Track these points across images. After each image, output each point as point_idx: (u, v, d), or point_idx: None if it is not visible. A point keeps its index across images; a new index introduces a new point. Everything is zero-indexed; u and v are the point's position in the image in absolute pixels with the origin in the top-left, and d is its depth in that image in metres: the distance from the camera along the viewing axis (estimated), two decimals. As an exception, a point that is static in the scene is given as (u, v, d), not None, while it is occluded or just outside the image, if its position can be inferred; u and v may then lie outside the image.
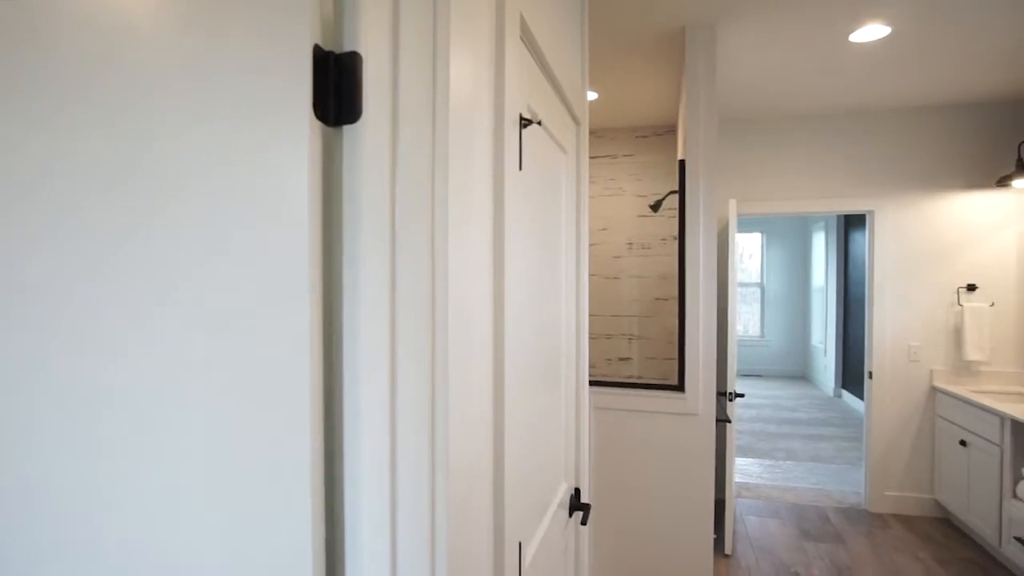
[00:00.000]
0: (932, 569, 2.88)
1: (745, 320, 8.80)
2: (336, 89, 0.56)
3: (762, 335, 8.66)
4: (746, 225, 8.68)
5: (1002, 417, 2.81)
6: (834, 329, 7.08)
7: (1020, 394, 3.22)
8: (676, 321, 3.93)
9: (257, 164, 0.54)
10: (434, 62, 0.64)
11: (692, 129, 2.39)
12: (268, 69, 0.53)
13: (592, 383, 2.49)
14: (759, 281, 8.77)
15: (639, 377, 4.02)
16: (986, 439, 2.94)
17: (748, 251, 8.80)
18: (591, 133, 4.12)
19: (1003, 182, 3.19)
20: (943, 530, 3.33)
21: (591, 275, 4.11)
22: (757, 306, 8.77)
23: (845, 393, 6.84)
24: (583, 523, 1.39)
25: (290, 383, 0.53)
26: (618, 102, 3.46)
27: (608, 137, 4.11)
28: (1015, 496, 2.75)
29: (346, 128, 0.57)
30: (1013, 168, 3.36)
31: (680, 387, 2.38)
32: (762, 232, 8.68)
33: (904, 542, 3.18)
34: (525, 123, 0.94)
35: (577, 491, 1.53)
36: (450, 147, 0.64)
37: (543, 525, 1.15)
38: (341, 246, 0.58)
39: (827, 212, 3.70)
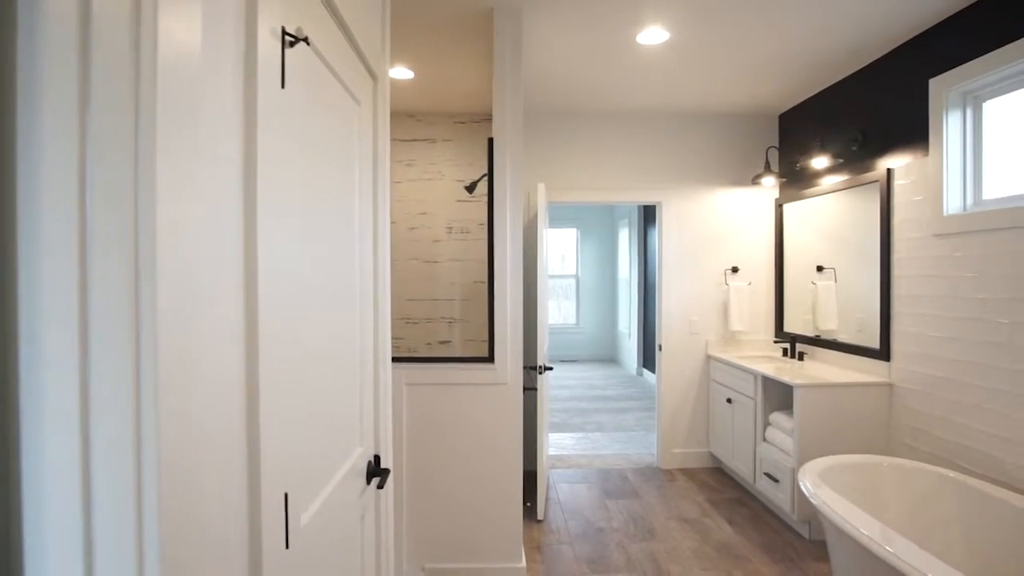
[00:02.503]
0: (707, 510, 3.34)
1: (563, 311, 9.42)
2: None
3: (577, 323, 9.35)
4: (562, 221, 9.29)
5: (755, 374, 3.35)
6: (636, 315, 7.91)
7: (770, 357, 3.87)
8: (494, 304, 4.06)
9: None
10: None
11: (499, 110, 2.46)
12: None
13: (407, 359, 2.45)
14: (574, 274, 9.45)
15: (460, 360, 4.07)
16: (745, 395, 3.48)
17: (564, 246, 9.43)
18: (410, 116, 4.07)
19: (756, 180, 3.80)
20: (716, 477, 3.88)
21: (411, 259, 4.06)
22: (572, 297, 9.44)
23: (645, 371, 7.67)
24: (380, 487, 1.34)
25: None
26: (436, 85, 3.45)
27: (427, 121, 4.10)
28: (765, 440, 3.30)
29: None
30: (763, 169, 4.03)
31: (490, 359, 2.44)
32: (576, 228, 9.36)
33: (687, 490, 3.64)
34: (291, 40, 0.87)
35: (377, 457, 1.48)
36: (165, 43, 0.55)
37: (328, 487, 1.08)
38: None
39: (624, 202, 4.09)
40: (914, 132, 2.76)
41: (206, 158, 0.63)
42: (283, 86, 0.84)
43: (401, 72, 3.22)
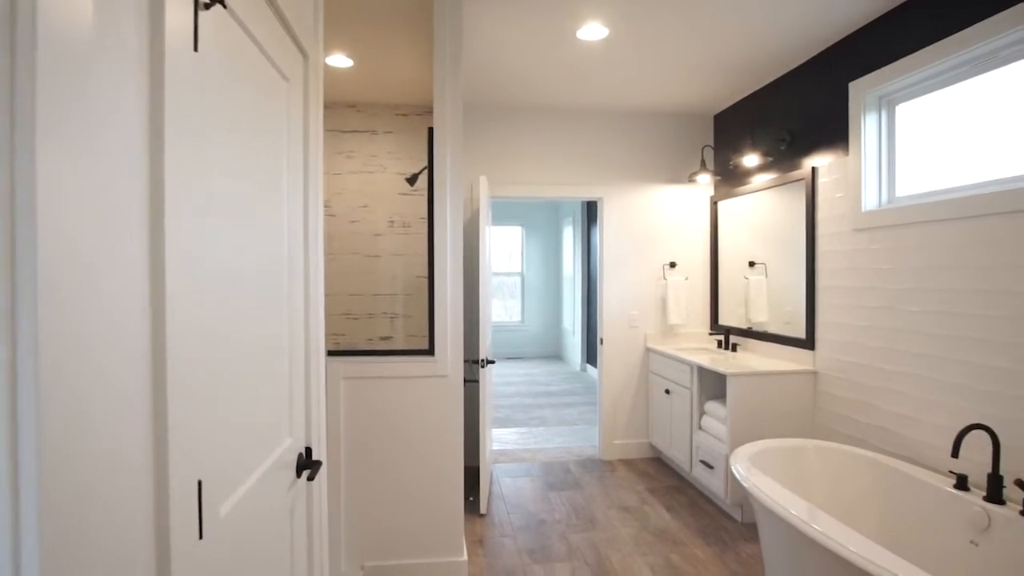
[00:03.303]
0: (646, 498, 3.42)
1: (508, 308, 9.45)
2: None
3: (522, 321, 9.40)
4: (507, 219, 9.31)
5: (691, 365, 3.46)
6: (580, 312, 8.02)
7: (705, 348, 4.00)
8: (437, 299, 4.01)
9: None
10: None
11: (440, 99, 2.43)
12: None
13: (344, 353, 2.38)
14: (520, 272, 9.49)
15: (402, 356, 4.00)
16: (682, 385, 3.58)
17: (510, 245, 9.46)
18: (350, 107, 3.97)
19: (692, 178, 3.93)
20: (655, 466, 3.98)
21: (351, 253, 3.96)
22: (518, 294, 9.48)
23: (589, 367, 7.79)
24: (310, 479, 1.29)
25: None
26: (377, 75, 3.38)
27: (368, 112, 4.01)
28: (700, 428, 3.41)
29: None
30: (699, 167, 4.16)
31: (430, 351, 2.41)
32: (522, 226, 9.41)
33: (627, 480, 3.71)
34: (205, 2, 0.82)
35: (308, 450, 1.43)
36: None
37: (251, 478, 1.03)
38: None
39: (567, 198, 4.14)
40: (836, 133, 2.92)
41: (102, 127, 0.59)
42: (196, 48, 0.79)
43: (340, 60, 3.13)
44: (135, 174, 0.65)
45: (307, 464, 1.37)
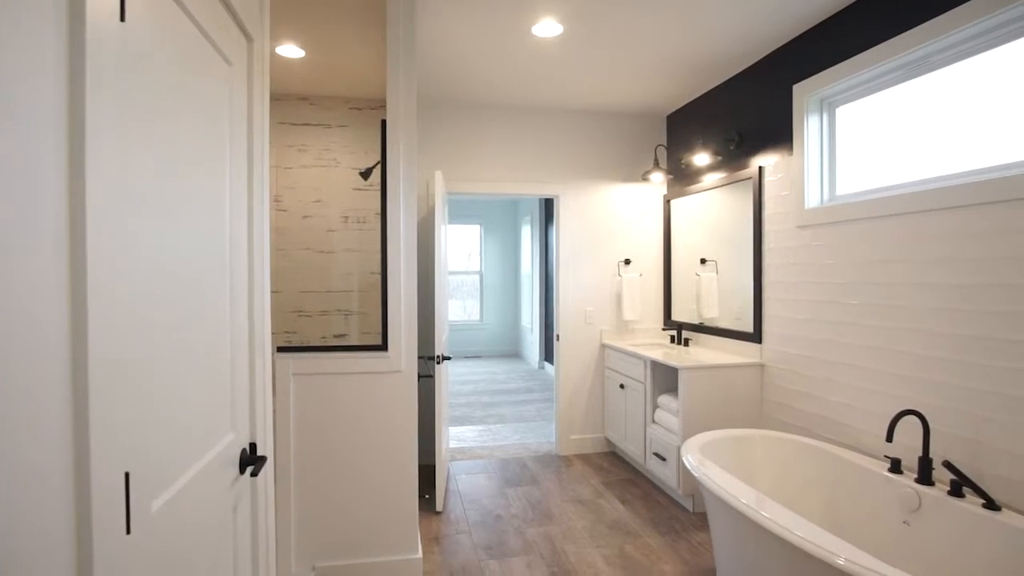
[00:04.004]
0: (601, 491, 3.46)
1: (467, 307, 9.41)
2: None
3: (481, 319, 9.38)
4: (466, 218, 9.28)
5: (645, 360, 3.52)
6: (538, 310, 8.06)
7: (659, 344, 4.08)
8: (393, 296, 3.96)
9: None
10: None
11: (393, 90, 2.40)
12: None
13: (294, 349, 2.32)
14: (479, 270, 9.47)
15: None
16: (636, 380, 3.65)
17: (469, 244, 9.42)
18: (302, 99, 3.88)
19: (645, 177, 4.00)
20: (610, 460, 4.03)
21: (304, 249, 3.87)
22: (477, 293, 9.46)
23: (547, 364, 7.84)
24: (253, 475, 1.25)
25: None
26: (330, 68, 3.31)
27: (322, 105, 3.92)
28: (654, 422, 3.47)
29: None
30: (652, 166, 4.24)
31: (384, 347, 2.38)
32: (480, 225, 9.39)
33: (583, 474, 3.75)
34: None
35: (253, 445, 1.38)
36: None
37: (189, 472, 0.99)
38: None
39: (523, 195, 4.15)
40: (782, 133, 3.02)
41: (9, 101, 0.55)
42: (123, 19, 0.75)
43: (291, 50, 3.05)
44: (52, 154, 0.61)
45: (251, 460, 1.32)
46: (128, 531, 0.74)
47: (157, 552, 0.85)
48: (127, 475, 0.75)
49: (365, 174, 3.47)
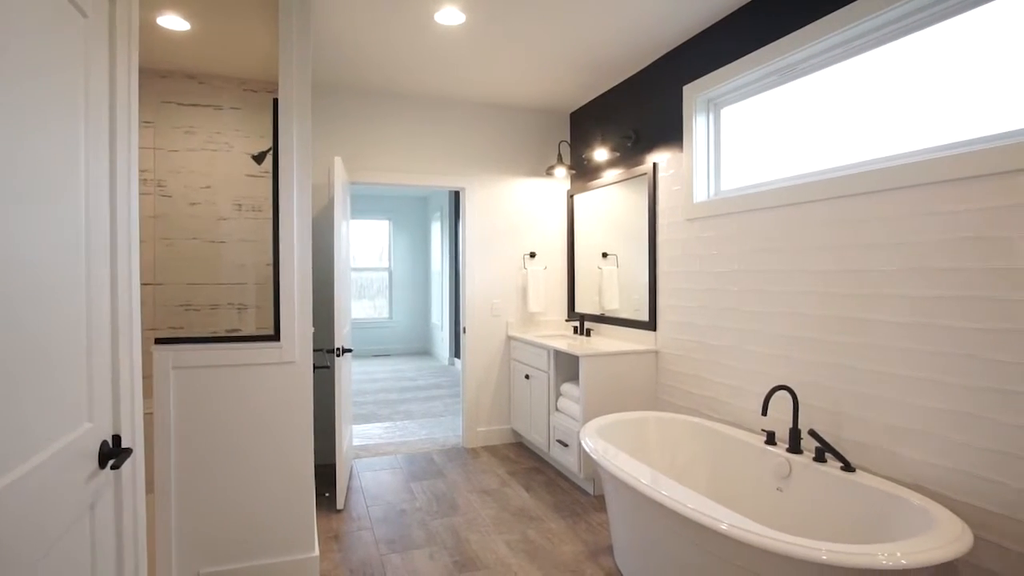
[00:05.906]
0: (506, 480, 3.49)
1: (376, 304, 9.18)
2: None
3: (390, 317, 9.19)
4: (374, 213, 9.05)
5: (548, 350, 3.60)
6: (448, 307, 8.02)
7: (563, 335, 4.19)
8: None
9: None
10: None
11: (286, 65, 2.29)
12: None
13: (174, 340, 2.15)
14: (387, 267, 9.27)
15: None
16: (540, 370, 3.72)
17: (378, 240, 9.20)
18: (190, 77, 3.61)
19: (549, 172, 4.09)
20: (516, 450, 4.08)
21: (191, 239, 3.60)
22: (385, 290, 9.26)
23: (457, 361, 7.81)
24: (115, 468, 1.15)
25: None
26: (220, 44, 3.10)
27: (212, 85, 3.67)
28: (557, 410, 3.56)
29: None
30: (555, 161, 4.34)
31: (276, 337, 2.26)
32: (390, 221, 9.19)
33: (489, 465, 3.77)
34: None
35: (116, 437, 1.26)
36: None
37: (28, 462, 0.89)
38: None
39: (429, 186, 4.11)
40: (673, 131, 3.20)
41: None
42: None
43: (173, 20, 2.83)
44: None
45: (113, 452, 1.21)
46: (-61, 521, 0.65)
47: (-17, 548, 0.75)
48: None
49: (258, 158, 3.29)
